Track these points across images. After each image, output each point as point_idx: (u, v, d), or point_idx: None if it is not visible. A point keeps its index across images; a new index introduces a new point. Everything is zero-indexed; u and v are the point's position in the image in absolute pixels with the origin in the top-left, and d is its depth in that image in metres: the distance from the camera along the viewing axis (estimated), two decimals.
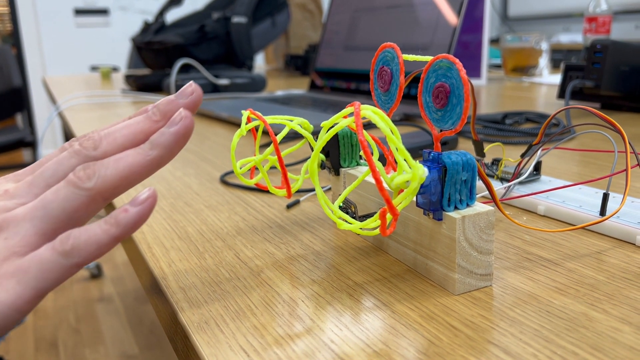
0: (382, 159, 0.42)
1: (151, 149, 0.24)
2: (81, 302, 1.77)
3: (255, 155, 0.35)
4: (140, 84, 1.26)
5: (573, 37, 2.43)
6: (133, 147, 0.25)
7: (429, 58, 0.28)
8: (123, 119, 0.27)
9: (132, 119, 0.26)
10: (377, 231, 0.27)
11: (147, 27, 1.40)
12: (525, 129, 0.63)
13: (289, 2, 1.54)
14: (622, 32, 2.37)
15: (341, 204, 0.32)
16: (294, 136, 0.65)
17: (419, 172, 0.25)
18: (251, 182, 0.36)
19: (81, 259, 0.22)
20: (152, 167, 0.24)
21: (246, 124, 0.34)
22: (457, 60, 0.26)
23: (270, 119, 0.34)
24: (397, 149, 0.25)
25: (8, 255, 0.22)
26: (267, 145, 0.62)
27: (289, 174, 0.36)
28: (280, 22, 1.45)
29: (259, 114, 0.33)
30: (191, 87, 0.26)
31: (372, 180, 0.32)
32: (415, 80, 0.79)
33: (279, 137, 0.33)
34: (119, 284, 1.89)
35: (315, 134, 0.37)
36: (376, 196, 0.33)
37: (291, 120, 0.34)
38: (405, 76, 0.31)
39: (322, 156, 0.36)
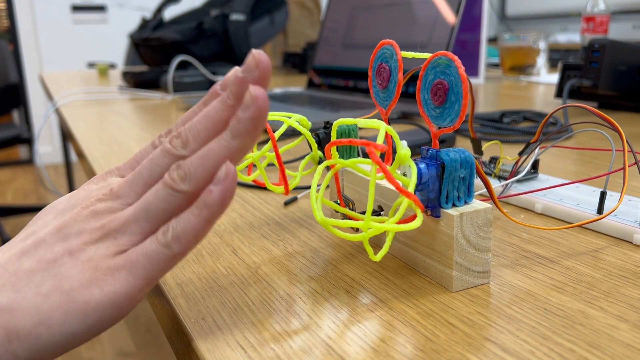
0: (381, 157, 0.42)
1: (232, 138, 0.24)
2: None
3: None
4: (138, 81, 1.26)
5: (571, 36, 2.44)
6: (216, 136, 0.25)
7: (427, 55, 0.28)
8: (199, 105, 0.27)
9: (210, 107, 0.26)
10: (358, 236, 0.26)
11: (145, 23, 1.40)
12: (523, 128, 0.63)
13: (288, 0, 1.54)
14: (619, 32, 2.38)
15: (337, 202, 0.32)
16: (292, 133, 0.65)
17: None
18: (249, 179, 0.36)
19: (182, 246, 0.24)
20: (237, 156, 0.25)
21: None
22: (455, 58, 0.26)
23: (268, 116, 0.34)
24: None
25: (117, 252, 0.24)
26: (265, 142, 0.61)
27: (287, 171, 0.36)
28: (279, 20, 1.45)
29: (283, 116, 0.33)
30: (254, 59, 0.25)
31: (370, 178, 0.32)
32: (413, 78, 0.79)
33: (277, 134, 0.33)
34: None
35: (314, 130, 0.37)
36: (375, 193, 0.32)
37: (289, 117, 0.34)
38: (403, 73, 0.31)
39: (320, 153, 0.36)
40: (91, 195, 0.27)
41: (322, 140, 0.36)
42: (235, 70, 0.25)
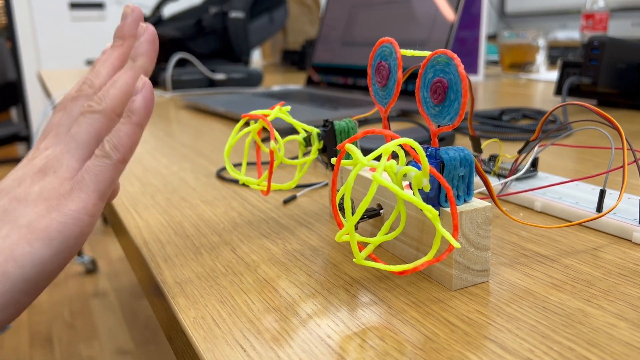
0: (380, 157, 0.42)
1: (134, 61, 0.28)
2: (76, 297, 1.77)
3: (256, 154, 0.35)
4: None
5: (570, 34, 2.44)
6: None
7: (427, 53, 0.28)
8: (95, 63, 0.31)
9: (104, 55, 0.30)
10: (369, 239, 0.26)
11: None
12: (523, 126, 0.63)
13: None
14: (619, 29, 2.37)
15: (340, 202, 0.32)
16: (290, 131, 0.65)
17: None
18: (244, 178, 0.36)
19: (121, 153, 0.26)
20: (141, 74, 0.28)
21: (246, 124, 0.34)
22: (455, 56, 0.26)
23: (268, 115, 0.34)
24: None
25: (62, 182, 0.26)
26: (266, 140, 0.61)
27: (290, 161, 0.36)
28: (278, 18, 1.44)
29: (260, 114, 0.33)
30: (129, 8, 0.30)
31: (369, 175, 0.32)
32: (413, 76, 0.79)
33: (280, 144, 0.33)
34: (114, 279, 1.89)
35: (321, 126, 0.37)
36: (376, 193, 0.32)
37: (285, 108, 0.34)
38: (403, 71, 0.31)
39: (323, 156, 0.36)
40: (23, 163, 0.28)
41: (322, 139, 0.36)
42: (118, 25, 0.30)
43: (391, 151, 0.24)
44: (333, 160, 0.30)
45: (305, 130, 0.36)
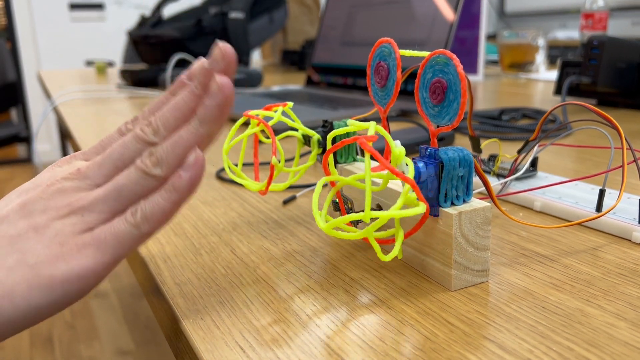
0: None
1: (200, 125, 0.26)
2: None
3: (254, 157, 0.35)
4: (136, 79, 1.26)
5: (570, 33, 2.44)
6: (184, 124, 0.26)
7: (425, 53, 0.28)
8: (166, 95, 0.28)
9: (179, 98, 0.27)
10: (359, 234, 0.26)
11: (144, 21, 1.39)
12: (522, 125, 0.63)
13: None
14: (618, 28, 2.37)
15: (336, 200, 0.32)
16: (287, 128, 0.65)
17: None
18: (242, 180, 0.36)
19: (150, 227, 0.25)
20: (205, 142, 0.26)
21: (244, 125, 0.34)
22: (454, 56, 0.26)
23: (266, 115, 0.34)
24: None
25: (84, 229, 0.24)
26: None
27: (286, 169, 0.36)
28: (278, 19, 1.44)
29: (259, 116, 0.33)
30: (220, 51, 0.26)
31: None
32: (412, 76, 0.79)
33: (277, 138, 0.33)
34: (114, 279, 1.89)
35: (313, 129, 0.37)
36: (375, 194, 0.32)
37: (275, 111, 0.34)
38: (402, 72, 0.31)
39: (319, 150, 0.36)
40: (56, 176, 0.26)
41: (321, 139, 0.36)
42: (202, 62, 0.27)
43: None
44: (326, 179, 0.30)
45: (305, 134, 0.36)
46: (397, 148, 0.26)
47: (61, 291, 0.23)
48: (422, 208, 0.24)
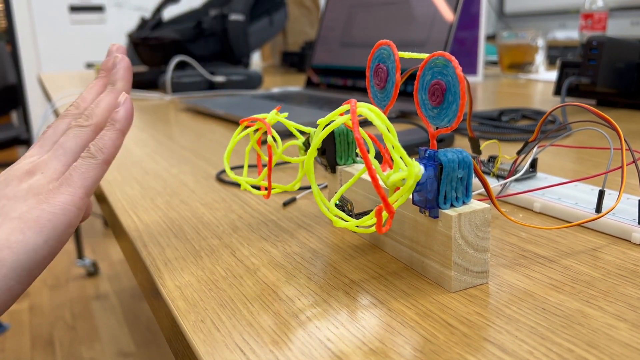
0: (379, 156, 0.42)
1: (113, 85, 0.33)
2: (77, 299, 1.77)
3: (257, 161, 0.35)
4: (136, 81, 1.26)
5: (569, 33, 2.44)
6: None
7: (424, 55, 0.28)
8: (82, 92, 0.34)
9: (90, 85, 0.34)
10: (373, 229, 0.27)
11: (143, 23, 1.40)
12: (522, 126, 0.63)
13: (287, 1, 1.54)
14: (618, 28, 2.37)
15: (337, 202, 0.32)
16: (288, 134, 0.65)
17: (415, 169, 0.25)
18: (244, 185, 0.36)
19: (105, 154, 0.29)
20: (121, 93, 0.32)
21: (246, 128, 0.34)
22: (452, 58, 0.26)
23: (266, 117, 0.34)
24: (393, 147, 0.25)
25: (50, 181, 0.28)
26: (264, 142, 0.61)
27: (289, 158, 0.36)
28: (278, 21, 1.45)
29: (260, 117, 0.33)
30: (115, 45, 0.34)
31: (369, 178, 0.32)
32: (412, 77, 0.79)
33: (278, 154, 0.33)
34: (115, 281, 1.89)
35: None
36: (372, 194, 0.32)
37: (285, 115, 0.34)
38: (401, 73, 0.31)
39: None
40: (6, 172, 0.30)
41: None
42: (104, 60, 0.34)
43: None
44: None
45: (302, 132, 0.36)
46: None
47: (50, 226, 0.26)
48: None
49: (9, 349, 1.52)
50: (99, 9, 3.43)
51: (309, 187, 0.44)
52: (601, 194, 0.34)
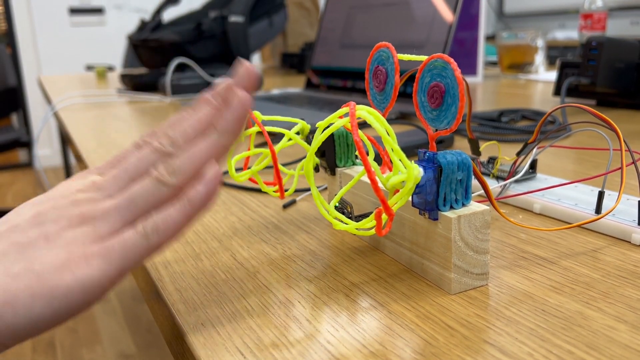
0: (378, 158, 0.42)
1: (219, 137, 0.26)
2: None
3: (250, 155, 0.35)
4: (136, 84, 1.26)
5: (569, 33, 2.44)
6: (202, 136, 0.27)
7: (423, 57, 0.28)
8: (187, 110, 0.28)
9: (200, 113, 0.27)
10: (373, 231, 0.27)
11: (143, 25, 1.40)
12: (522, 127, 0.63)
13: (287, 2, 1.54)
14: (617, 28, 2.37)
15: (337, 204, 0.32)
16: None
17: (415, 172, 0.25)
18: (244, 177, 0.36)
19: (160, 239, 0.24)
20: (222, 152, 0.26)
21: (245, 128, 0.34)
22: (451, 60, 0.26)
23: (268, 129, 0.34)
24: (392, 150, 0.25)
25: (95, 239, 0.24)
26: (262, 144, 0.61)
27: (283, 169, 0.36)
28: (277, 22, 1.45)
29: (257, 116, 0.33)
30: (244, 67, 0.28)
31: (368, 180, 0.32)
32: (412, 78, 0.79)
33: (277, 148, 0.33)
34: None
35: (313, 132, 0.37)
36: (372, 196, 0.33)
37: (288, 125, 0.34)
38: (400, 75, 0.31)
39: (317, 159, 0.36)
40: (71, 188, 0.26)
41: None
42: (227, 81, 0.27)
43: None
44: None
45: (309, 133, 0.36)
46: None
47: (64, 302, 0.23)
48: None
49: (10, 352, 1.52)
50: (98, 11, 3.43)
51: (309, 189, 0.44)
52: (601, 195, 0.34)
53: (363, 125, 0.70)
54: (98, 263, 0.23)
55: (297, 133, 0.35)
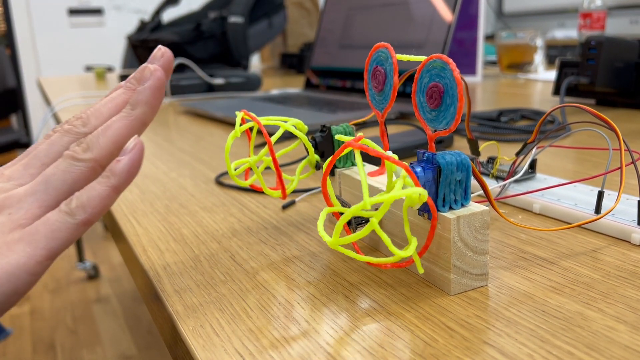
0: (377, 160, 0.42)
1: (132, 109, 0.26)
2: (78, 303, 1.77)
3: (249, 156, 0.35)
4: None
5: (568, 32, 2.44)
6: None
7: (422, 58, 0.28)
8: (103, 97, 0.28)
9: (113, 93, 0.27)
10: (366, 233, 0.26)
11: (143, 25, 1.40)
12: (521, 127, 0.63)
13: (287, 2, 1.54)
14: (616, 27, 2.37)
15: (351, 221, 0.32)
16: (289, 136, 0.65)
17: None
18: (246, 184, 0.36)
19: (87, 214, 0.23)
20: (138, 124, 0.26)
21: (240, 124, 0.34)
22: (450, 60, 0.26)
23: (264, 120, 0.34)
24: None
25: (14, 227, 0.23)
26: (261, 145, 0.61)
27: (284, 175, 0.36)
28: (277, 24, 1.45)
29: (253, 115, 0.33)
30: (160, 50, 0.28)
31: (368, 181, 0.32)
32: (411, 78, 0.79)
33: (273, 139, 0.33)
34: (116, 284, 1.89)
35: (310, 133, 0.37)
36: (371, 195, 0.32)
37: (285, 121, 0.34)
38: (399, 76, 0.31)
39: (317, 157, 0.36)
40: None
41: (319, 144, 0.36)
42: (141, 65, 0.27)
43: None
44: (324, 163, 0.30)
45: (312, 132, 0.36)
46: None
47: None
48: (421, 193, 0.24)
49: (10, 354, 1.51)
50: (97, 12, 3.43)
51: (308, 190, 0.44)
52: (600, 195, 0.34)
53: (362, 125, 0.70)
54: (22, 247, 0.22)
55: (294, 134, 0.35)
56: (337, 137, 0.29)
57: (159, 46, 0.28)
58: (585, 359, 0.21)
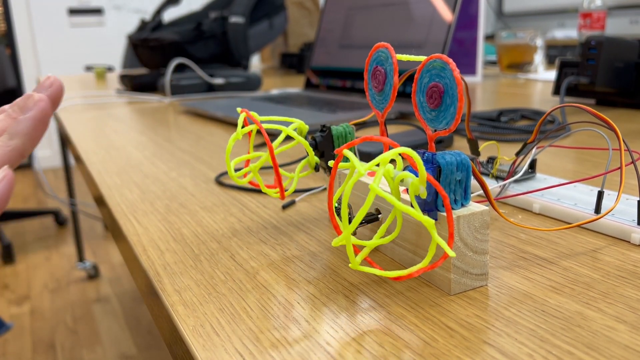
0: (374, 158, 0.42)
1: (10, 139, 0.25)
2: (78, 303, 1.77)
3: (250, 156, 0.35)
4: (135, 84, 1.26)
5: (568, 32, 2.44)
6: None
7: (422, 58, 0.28)
8: None
9: None
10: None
11: (143, 25, 1.40)
12: (521, 127, 0.63)
13: (287, 3, 1.54)
14: (616, 27, 2.37)
15: (336, 205, 0.32)
16: (288, 135, 0.65)
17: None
18: (244, 181, 0.36)
19: None
20: (15, 155, 0.25)
21: (242, 126, 0.34)
22: (450, 60, 0.26)
23: (266, 125, 0.34)
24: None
25: None
26: (262, 145, 0.61)
27: (282, 172, 0.36)
28: (278, 24, 1.45)
29: (254, 116, 0.33)
30: (49, 79, 0.27)
31: (367, 181, 0.32)
32: (411, 78, 0.79)
33: (274, 144, 0.33)
34: (116, 284, 1.89)
35: (311, 133, 0.37)
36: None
37: (287, 122, 0.34)
38: (399, 75, 0.31)
39: (317, 158, 0.36)
40: None
41: (319, 144, 0.36)
42: (27, 93, 0.26)
43: (389, 159, 0.24)
44: (330, 163, 0.31)
45: (312, 132, 0.36)
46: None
47: None
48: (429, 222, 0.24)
49: (10, 353, 1.52)
50: (97, 11, 3.43)
51: (307, 190, 0.44)
52: (600, 195, 0.34)
53: (363, 124, 0.70)
54: None
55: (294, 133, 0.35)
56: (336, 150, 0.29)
57: (48, 75, 0.27)
58: (585, 359, 0.21)
